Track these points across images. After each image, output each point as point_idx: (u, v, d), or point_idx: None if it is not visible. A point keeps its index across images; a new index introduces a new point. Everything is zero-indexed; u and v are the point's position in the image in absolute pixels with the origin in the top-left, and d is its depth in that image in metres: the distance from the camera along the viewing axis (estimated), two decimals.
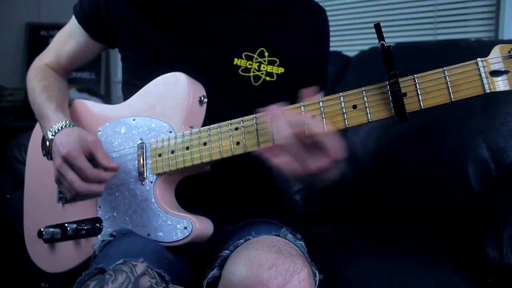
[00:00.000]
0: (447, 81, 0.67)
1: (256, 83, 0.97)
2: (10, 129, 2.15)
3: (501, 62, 0.66)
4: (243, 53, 0.96)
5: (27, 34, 2.77)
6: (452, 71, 0.67)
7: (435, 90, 0.68)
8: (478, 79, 0.66)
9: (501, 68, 0.65)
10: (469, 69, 0.67)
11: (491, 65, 0.66)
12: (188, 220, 0.83)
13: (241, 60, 0.96)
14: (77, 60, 1.09)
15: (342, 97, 0.72)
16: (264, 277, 0.68)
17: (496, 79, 0.66)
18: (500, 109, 1.26)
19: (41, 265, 1.04)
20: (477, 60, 0.66)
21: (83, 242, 0.95)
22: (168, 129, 0.88)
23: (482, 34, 1.87)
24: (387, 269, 1.02)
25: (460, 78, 0.67)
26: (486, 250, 0.93)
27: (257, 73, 0.97)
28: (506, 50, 0.66)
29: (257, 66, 0.97)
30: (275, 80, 0.98)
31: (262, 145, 0.77)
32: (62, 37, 1.08)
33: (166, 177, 0.88)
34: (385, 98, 0.70)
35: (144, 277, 0.72)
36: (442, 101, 0.68)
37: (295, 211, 1.61)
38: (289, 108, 0.75)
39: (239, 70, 0.96)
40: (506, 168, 1.22)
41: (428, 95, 0.68)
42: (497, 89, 0.66)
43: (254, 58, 0.97)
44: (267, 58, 0.97)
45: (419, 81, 0.68)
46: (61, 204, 1.01)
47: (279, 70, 0.98)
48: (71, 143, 0.85)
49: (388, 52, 0.66)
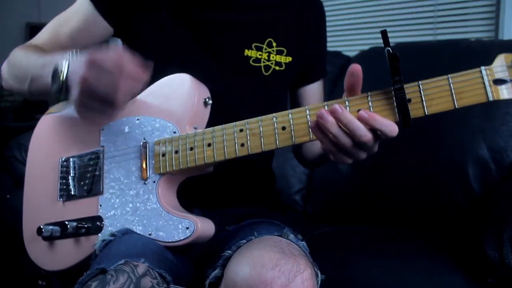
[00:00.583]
0: (451, 88, 0.67)
1: (267, 73, 0.99)
2: (10, 129, 2.15)
3: (505, 71, 0.66)
4: (253, 44, 0.98)
5: (27, 34, 2.77)
6: (456, 79, 0.67)
7: (439, 97, 0.68)
8: (481, 87, 0.66)
9: (505, 77, 0.66)
10: (472, 77, 0.67)
11: (495, 74, 0.66)
12: (190, 220, 0.83)
13: (251, 51, 0.98)
14: (79, 39, 1.00)
15: (347, 101, 0.72)
16: (267, 277, 0.69)
17: (500, 87, 0.66)
18: (500, 109, 1.27)
19: (40, 263, 1.03)
20: (481, 68, 0.66)
21: (83, 240, 0.95)
22: (172, 130, 0.88)
23: (482, 34, 1.88)
24: (387, 269, 1.02)
25: (463, 86, 0.67)
26: (486, 250, 0.93)
27: (267, 63, 0.99)
28: (510, 59, 0.66)
29: (266, 56, 0.99)
30: (284, 69, 1.00)
31: (266, 147, 0.78)
32: (64, 16, 1.02)
33: (169, 177, 0.88)
34: (390, 103, 0.70)
35: (145, 278, 0.72)
36: (446, 108, 0.68)
37: (295, 211, 1.61)
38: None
39: (250, 60, 0.98)
40: (506, 168, 1.22)
41: (433, 102, 0.68)
42: (501, 97, 0.66)
43: (264, 48, 0.98)
44: (275, 48, 0.99)
45: (423, 88, 0.68)
46: (61, 201, 1.01)
47: (287, 59, 1.00)
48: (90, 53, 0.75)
49: (395, 58, 0.66)
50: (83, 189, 0.97)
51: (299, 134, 0.76)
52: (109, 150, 0.95)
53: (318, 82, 1.11)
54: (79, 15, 0.99)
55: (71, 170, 1.00)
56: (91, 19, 0.99)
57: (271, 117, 0.78)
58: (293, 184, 1.63)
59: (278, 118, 0.77)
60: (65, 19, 1.02)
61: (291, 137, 0.76)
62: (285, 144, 0.77)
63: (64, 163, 1.01)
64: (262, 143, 0.78)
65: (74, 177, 0.99)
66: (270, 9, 1.01)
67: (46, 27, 1.05)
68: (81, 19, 0.99)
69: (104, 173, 0.94)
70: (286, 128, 0.76)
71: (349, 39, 2.18)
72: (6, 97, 2.52)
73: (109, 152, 0.95)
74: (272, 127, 0.77)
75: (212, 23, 0.97)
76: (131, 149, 0.92)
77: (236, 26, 0.98)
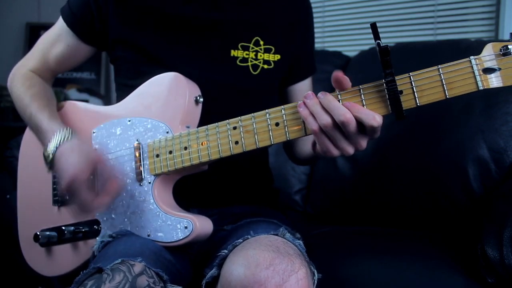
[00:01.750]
0: (441, 79, 0.69)
1: (255, 72, 0.98)
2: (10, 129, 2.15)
3: (494, 60, 0.67)
4: (239, 44, 0.97)
5: (27, 34, 2.77)
6: (446, 69, 0.69)
7: (430, 87, 0.69)
8: (471, 76, 0.68)
9: (494, 65, 0.67)
10: (462, 66, 0.68)
11: (484, 63, 0.67)
12: (188, 220, 0.83)
13: (237, 51, 0.97)
14: (66, 63, 1.06)
15: (340, 95, 0.72)
16: (261, 277, 0.68)
17: (490, 76, 0.67)
18: (500, 109, 1.26)
19: (38, 269, 1.03)
20: (470, 58, 0.68)
21: (81, 244, 0.94)
22: (165, 130, 0.88)
23: (482, 34, 1.87)
24: (386, 269, 1.02)
25: (454, 76, 0.68)
26: (486, 250, 0.92)
27: (255, 62, 0.98)
28: (498, 48, 0.67)
29: (254, 55, 0.98)
30: (273, 67, 1.00)
31: (260, 144, 0.78)
32: (49, 40, 1.05)
33: (164, 177, 0.88)
34: (382, 96, 0.71)
35: (141, 277, 0.72)
36: (438, 98, 0.69)
37: (295, 211, 1.61)
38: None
39: (237, 61, 0.97)
40: (506, 168, 1.22)
41: (424, 93, 0.69)
42: (491, 86, 0.67)
43: (250, 47, 0.98)
44: (263, 47, 0.99)
45: (414, 79, 0.70)
46: (56, 207, 1.00)
47: (275, 57, 1.00)
48: (76, 164, 0.82)
49: (385, 51, 0.67)
50: None
51: (293, 129, 0.76)
52: (102, 153, 0.93)
53: (308, 79, 1.11)
54: (61, 40, 1.03)
55: None
56: (72, 43, 1.03)
57: (264, 113, 0.78)
58: (293, 184, 1.62)
59: (271, 114, 0.77)
60: (50, 43, 1.05)
61: (285, 133, 0.76)
62: (279, 140, 0.77)
63: None
64: (256, 140, 0.78)
65: None
66: (257, 7, 1.00)
67: (35, 49, 1.08)
68: (64, 44, 1.03)
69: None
70: (279, 124, 0.77)
71: (349, 39, 2.18)
72: (6, 97, 2.52)
73: (102, 155, 0.93)
74: (265, 123, 0.77)
75: (198, 23, 0.96)
76: (124, 151, 0.91)
77: (222, 26, 0.97)
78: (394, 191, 1.36)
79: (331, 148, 0.73)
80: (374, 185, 1.41)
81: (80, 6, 0.99)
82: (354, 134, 0.70)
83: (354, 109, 0.69)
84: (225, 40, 0.97)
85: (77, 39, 1.02)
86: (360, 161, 1.42)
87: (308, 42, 1.10)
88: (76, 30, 1.01)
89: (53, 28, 1.05)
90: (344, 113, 0.69)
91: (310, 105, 0.72)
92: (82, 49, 1.04)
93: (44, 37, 1.07)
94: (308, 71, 1.11)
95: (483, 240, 0.94)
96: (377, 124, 0.69)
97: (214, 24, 0.97)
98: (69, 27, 1.01)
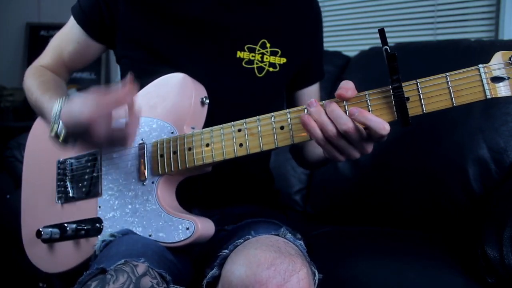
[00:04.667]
0: (449, 86, 0.68)
1: (260, 74, 0.99)
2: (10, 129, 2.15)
3: (503, 69, 0.66)
4: (245, 46, 0.97)
5: (27, 34, 2.77)
6: (453, 77, 0.67)
7: (437, 95, 0.68)
8: (479, 84, 0.66)
9: (503, 74, 0.66)
10: (470, 74, 0.67)
11: (493, 71, 0.66)
12: (190, 221, 0.83)
13: (243, 53, 0.97)
14: (78, 61, 1.08)
15: (345, 101, 0.72)
16: (263, 277, 0.69)
17: (498, 85, 0.66)
18: (500, 109, 1.26)
19: (40, 265, 1.03)
20: (478, 66, 0.66)
21: (83, 242, 0.95)
22: (170, 130, 0.88)
23: (482, 34, 1.87)
24: (387, 269, 1.02)
25: (461, 84, 0.67)
26: (486, 250, 0.93)
27: (260, 64, 0.98)
28: (508, 57, 0.66)
29: (260, 57, 0.98)
30: (278, 70, 1.00)
31: (265, 146, 0.77)
32: (62, 37, 1.07)
33: (168, 177, 0.88)
34: (388, 102, 0.70)
35: (145, 278, 0.72)
36: (445, 105, 0.68)
37: (295, 211, 1.61)
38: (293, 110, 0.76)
39: (243, 62, 0.97)
40: (506, 168, 1.22)
41: (431, 100, 0.68)
42: (499, 95, 0.66)
43: (257, 49, 0.98)
44: (269, 49, 0.99)
45: (421, 86, 0.69)
46: (59, 204, 1.00)
47: (281, 60, 1.00)
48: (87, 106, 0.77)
49: (393, 57, 0.66)
50: (81, 191, 0.97)
51: (298, 133, 0.75)
52: (106, 152, 0.94)
53: (316, 84, 1.11)
54: (73, 38, 1.05)
55: (68, 172, 0.99)
56: (83, 41, 1.04)
57: (270, 116, 0.77)
58: (293, 184, 1.62)
59: (276, 117, 0.77)
60: (62, 40, 1.07)
61: (290, 136, 0.76)
62: (284, 143, 0.76)
63: (61, 165, 1.01)
64: (261, 143, 0.78)
65: (71, 179, 0.99)
66: (265, 9, 1.00)
67: (49, 47, 1.10)
68: (75, 42, 1.05)
69: (102, 174, 0.94)
70: (284, 127, 0.76)
71: (349, 39, 2.18)
72: (6, 97, 2.52)
73: (107, 154, 0.94)
74: (270, 126, 0.77)
75: (206, 24, 0.97)
76: (128, 150, 0.91)
77: (229, 27, 0.97)
78: (394, 191, 1.37)
79: (337, 155, 0.73)
80: (374, 185, 1.41)
81: (90, 5, 1.00)
82: (358, 141, 0.70)
83: (363, 116, 0.68)
84: (232, 41, 0.97)
85: (87, 37, 1.03)
86: (361, 161, 1.42)
87: (317, 48, 1.10)
88: (86, 27, 1.02)
89: (65, 26, 1.07)
90: (346, 122, 0.69)
91: (314, 113, 0.71)
92: (93, 47, 1.05)
93: (57, 35, 1.09)
94: (316, 77, 1.11)
95: (483, 240, 0.94)
96: (386, 132, 0.69)
97: (222, 25, 0.97)
98: (79, 24, 1.02)
